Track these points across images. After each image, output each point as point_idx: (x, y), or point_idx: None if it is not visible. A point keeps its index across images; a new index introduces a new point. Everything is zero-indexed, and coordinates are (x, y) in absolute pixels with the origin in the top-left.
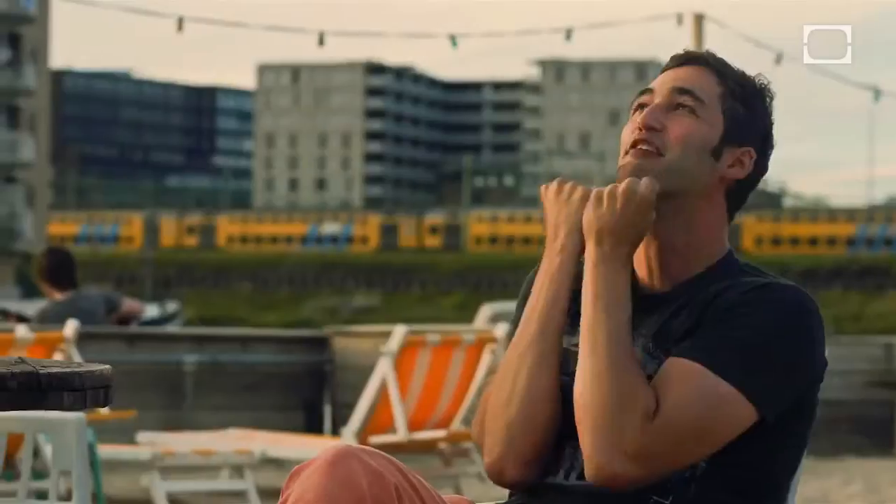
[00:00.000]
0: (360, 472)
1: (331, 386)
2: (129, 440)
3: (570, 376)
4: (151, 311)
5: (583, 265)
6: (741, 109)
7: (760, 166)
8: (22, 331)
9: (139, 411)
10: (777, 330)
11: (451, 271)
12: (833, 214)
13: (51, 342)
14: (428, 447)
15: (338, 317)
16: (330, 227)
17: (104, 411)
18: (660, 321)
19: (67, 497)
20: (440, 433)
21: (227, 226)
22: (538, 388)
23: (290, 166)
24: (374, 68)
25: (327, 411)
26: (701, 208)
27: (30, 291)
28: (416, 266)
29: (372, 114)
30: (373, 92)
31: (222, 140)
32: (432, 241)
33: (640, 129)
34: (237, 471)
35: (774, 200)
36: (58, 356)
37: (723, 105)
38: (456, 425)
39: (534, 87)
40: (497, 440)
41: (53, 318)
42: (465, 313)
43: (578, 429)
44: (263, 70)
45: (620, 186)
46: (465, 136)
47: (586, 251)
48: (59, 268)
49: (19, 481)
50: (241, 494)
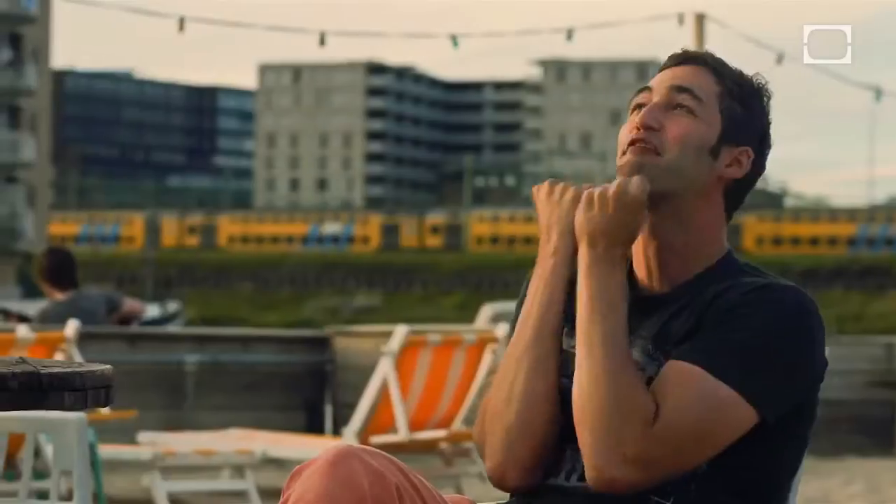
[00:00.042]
0: (361, 472)
1: (332, 386)
2: (130, 440)
3: (571, 378)
4: (152, 311)
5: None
6: (739, 109)
7: (758, 166)
8: (23, 331)
9: (140, 411)
10: (777, 331)
11: (452, 271)
12: (834, 214)
13: (52, 342)
14: (429, 447)
15: (339, 317)
16: (331, 227)
17: (105, 411)
18: (659, 323)
19: (68, 497)
20: (441, 433)
21: (229, 226)
22: (535, 393)
23: (291, 166)
24: (375, 68)
25: (328, 411)
26: (699, 208)
27: (31, 291)
28: (418, 266)
29: (373, 114)
30: (374, 92)
31: (223, 140)
32: (433, 241)
33: (637, 128)
34: (238, 471)
35: (775, 200)
36: (59, 356)
37: (721, 104)
38: (457, 425)
39: (535, 87)
40: (497, 446)
41: (54, 318)
42: (466, 313)
43: (578, 434)
44: (264, 70)
45: (611, 188)
46: (467, 135)
47: (579, 254)
48: (59, 268)
49: (20, 481)
50: (241, 494)
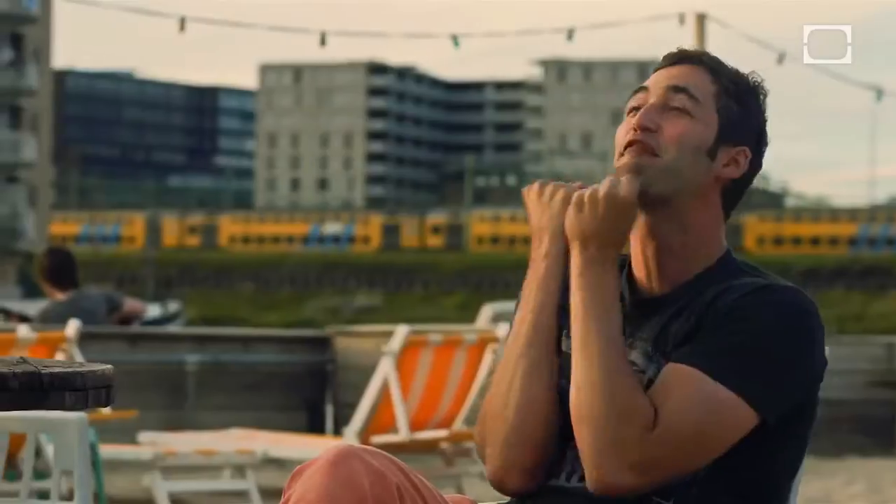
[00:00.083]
0: (361, 472)
1: (332, 386)
2: (131, 440)
3: (570, 380)
4: (153, 310)
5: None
6: (735, 107)
7: (755, 164)
8: (24, 331)
9: (141, 411)
10: (776, 332)
11: (453, 271)
12: (835, 214)
13: (53, 342)
14: (430, 447)
15: (340, 317)
16: (332, 227)
17: (106, 411)
18: (660, 324)
19: (69, 497)
20: (442, 433)
21: (229, 226)
22: (532, 398)
23: (291, 166)
24: (376, 68)
25: (329, 411)
26: (697, 208)
27: (32, 291)
28: (418, 266)
29: (374, 114)
30: (375, 92)
31: (224, 140)
32: (434, 241)
33: (635, 129)
34: (239, 471)
35: (776, 200)
36: (59, 356)
37: (717, 103)
38: (458, 425)
39: (536, 87)
40: (496, 451)
41: (55, 317)
42: (467, 313)
43: (577, 439)
44: (265, 70)
45: (601, 190)
46: (467, 135)
47: (571, 257)
48: (59, 268)
49: (21, 481)
50: (242, 494)
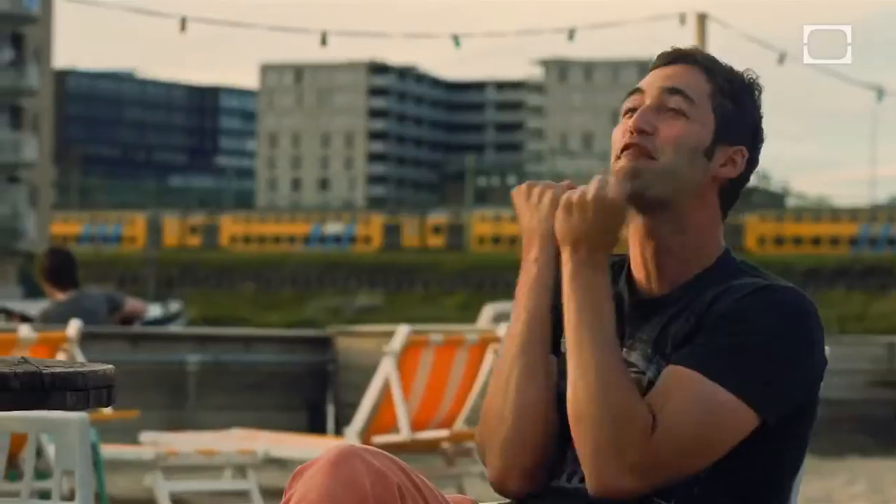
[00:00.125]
0: (363, 471)
1: (334, 386)
2: (132, 440)
3: None
4: (154, 310)
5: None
6: (731, 106)
7: (752, 162)
8: (25, 331)
9: (142, 411)
10: (776, 332)
11: (454, 271)
12: (836, 214)
13: (54, 342)
14: (431, 447)
15: (341, 317)
16: (333, 227)
17: (107, 411)
18: (659, 326)
19: (70, 497)
20: (443, 433)
21: (230, 226)
22: (528, 401)
23: (293, 166)
24: (377, 68)
25: (330, 411)
26: (695, 209)
27: (33, 291)
28: (419, 266)
29: (375, 114)
30: (376, 92)
31: (225, 140)
32: (435, 241)
33: (631, 132)
34: (240, 471)
35: (777, 200)
36: (61, 356)
37: (713, 103)
38: (459, 425)
39: (537, 87)
40: (496, 455)
41: (56, 317)
42: (468, 313)
43: (576, 444)
44: (266, 70)
45: (589, 193)
46: (468, 135)
47: (563, 261)
48: (60, 268)
49: (22, 481)
50: (244, 494)
